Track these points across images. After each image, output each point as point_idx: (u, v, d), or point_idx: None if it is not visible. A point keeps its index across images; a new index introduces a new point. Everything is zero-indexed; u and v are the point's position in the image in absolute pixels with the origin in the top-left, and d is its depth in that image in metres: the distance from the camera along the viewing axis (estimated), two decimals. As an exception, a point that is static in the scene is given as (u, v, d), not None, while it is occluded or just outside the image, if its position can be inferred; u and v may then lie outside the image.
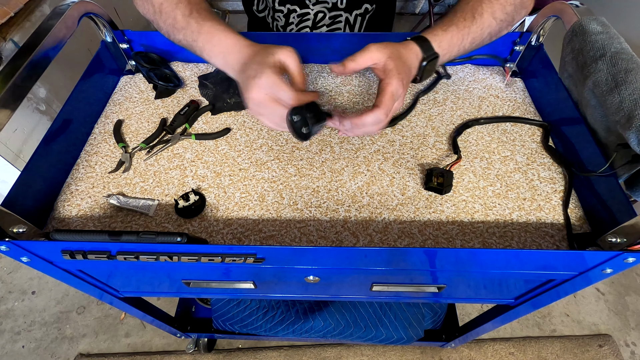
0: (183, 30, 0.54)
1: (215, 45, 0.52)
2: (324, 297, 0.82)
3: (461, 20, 0.54)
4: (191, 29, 0.53)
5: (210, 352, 1.23)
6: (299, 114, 0.46)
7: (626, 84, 0.48)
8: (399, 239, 0.52)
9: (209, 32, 0.52)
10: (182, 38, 0.55)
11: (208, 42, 0.52)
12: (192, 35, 0.53)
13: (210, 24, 0.52)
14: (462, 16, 0.54)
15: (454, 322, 1.08)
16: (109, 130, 0.66)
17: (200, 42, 0.53)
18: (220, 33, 0.51)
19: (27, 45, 0.53)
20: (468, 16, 0.54)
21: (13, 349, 1.26)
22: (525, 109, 0.68)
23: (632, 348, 1.25)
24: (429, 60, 0.52)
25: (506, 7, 0.56)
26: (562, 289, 0.55)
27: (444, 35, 0.53)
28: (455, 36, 0.54)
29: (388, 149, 0.62)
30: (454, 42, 0.54)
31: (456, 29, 0.54)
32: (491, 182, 0.58)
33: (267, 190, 0.57)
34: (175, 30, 0.55)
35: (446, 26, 0.54)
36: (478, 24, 0.55)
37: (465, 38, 0.55)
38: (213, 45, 0.52)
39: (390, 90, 0.47)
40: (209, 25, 0.52)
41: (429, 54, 0.52)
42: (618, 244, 0.44)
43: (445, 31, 0.53)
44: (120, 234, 0.46)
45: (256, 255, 0.47)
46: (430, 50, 0.52)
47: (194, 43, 0.53)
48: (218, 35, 0.51)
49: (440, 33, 0.53)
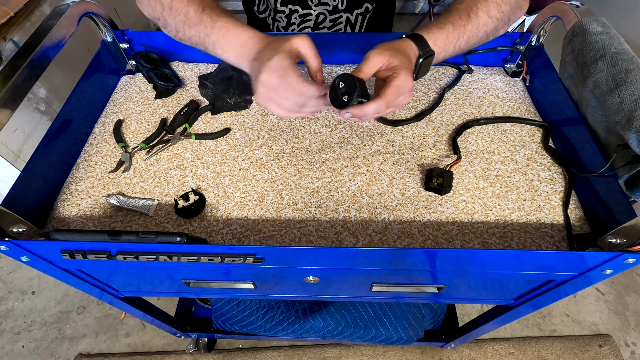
0: (195, 26, 0.53)
1: (232, 38, 0.51)
2: (324, 297, 0.82)
3: (457, 19, 0.54)
4: (204, 24, 0.52)
5: (210, 352, 1.22)
6: (345, 81, 0.46)
7: (626, 85, 0.48)
8: (399, 239, 0.52)
9: (223, 27, 0.52)
10: (194, 34, 0.54)
11: (223, 36, 0.52)
12: (205, 30, 0.53)
13: (225, 20, 0.52)
14: (458, 15, 0.54)
15: (454, 323, 1.08)
16: (109, 130, 0.66)
17: (214, 37, 0.52)
18: (237, 27, 0.51)
19: (27, 45, 0.53)
20: (463, 15, 0.54)
21: (13, 349, 1.26)
22: (525, 109, 0.68)
23: (632, 348, 1.25)
24: (425, 57, 0.52)
25: (502, 5, 0.56)
26: (562, 289, 0.55)
27: (439, 34, 0.53)
28: (451, 34, 0.54)
29: (388, 149, 0.62)
30: (450, 41, 0.54)
31: (452, 27, 0.54)
32: (491, 182, 0.58)
33: (267, 190, 0.57)
34: (186, 26, 0.54)
35: (442, 25, 0.54)
36: (474, 23, 0.55)
37: (461, 37, 0.54)
38: (229, 38, 0.51)
39: (396, 84, 0.47)
40: (224, 21, 0.52)
41: (425, 51, 0.52)
42: (618, 245, 0.43)
43: (441, 29, 0.53)
44: (120, 233, 0.46)
45: (256, 255, 0.47)
46: (426, 48, 0.52)
47: (207, 38, 0.53)
48: (234, 29, 0.51)
49: (436, 31, 0.53)
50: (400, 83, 0.47)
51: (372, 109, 0.46)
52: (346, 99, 0.46)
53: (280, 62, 0.44)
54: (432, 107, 0.68)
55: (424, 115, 0.67)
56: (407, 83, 0.47)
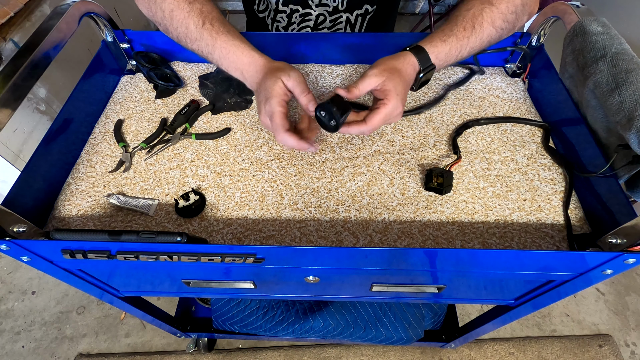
0: (197, 42, 0.56)
1: (232, 62, 0.55)
2: (324, 297, 0.82)
3: (461, 31, 0.55)
4: (205, 41, 0.55)
5: (210, 352, 1.22)
6: (324, 109, 0.50)
7: (627, 85, 0.48)
8: (399, 239, 0.52)
9: (223, 47, 0.54)
10: (197, 48, 0.57)
11: (224, 57, 0.55)
12: (207, 48, 0.55)
13: (224, 39, 0.54)
14: (463, 26, 0.55)
15: (454, 323, 1.08)
16: (109, 129, 0.66)
17: (217, 56, 0.55)
18: (235, 49, 0.54)
19: (27, 45, 0.53)
20: (468, 26, 0.55)
21: (13, 349, 1.26)
22: (525, 109, 0.68)
23: (632, 348, 1.25)
24: (426, 72, 0.54)
25: (507, 15, 0.56)
26: (562, 289, 0.55)
27: (442, 47, 0.54)
28: (454, 47, 0.55)
29: (388, 149, 0.62)
30: (452, 53, 0.55)
31: (455, 39, 0.54)
32: (491, 182, 0.58)
33: (267, 190, 0.57)
34: (188, 39, 0.57)
35: (446, 36, 0.54)
36: (478, 34, 0.55)
37: (463, 49, 0.55)
38: (230, 62, 0.55)
39: (384, 112, 0.50)
40: (223, 40, 0.54)
41: (426, 65, 0.54)
42: (618, 245, 0.44)
43: (444, 42, 0.54)
44: (120, 233, 0.46)
45: (256, 255, 0.47)
46: (427, 62, 0.54)
47: (210, 55, 0.56)
48: (233, 51, 0.54)
49: (439, 44, 0.54)
50: (388, 112, 0.50)
51: (355, 130, 0.52)
52: (334, 123, 0.50)
53: (271, 108, 0.50)
54: (434, 103, 0.68)
55: (423, 110, 0.67)
56: (394, 110, 0.51)
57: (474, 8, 0.56)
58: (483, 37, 0.56)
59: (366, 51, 0.74)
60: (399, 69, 0.52)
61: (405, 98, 0.52)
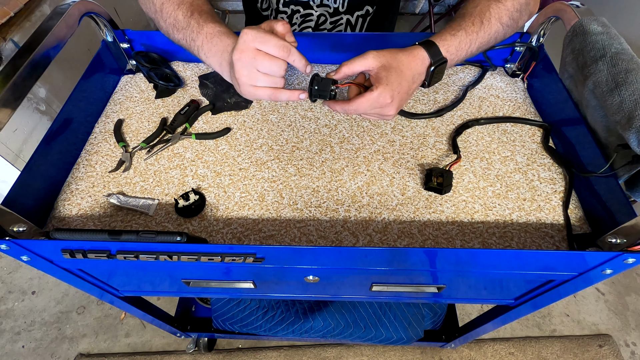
0: (183, 30, 0.55)
1: (215, 44, 0.53)
2: (324, 297, 0.82)
3: (470, 25, 0.54)
4: (191, 28, 0.54)
5: (210, 351, 1.22)
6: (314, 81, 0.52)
7: (626, 85, 0.48)
8: (399, 239, 0.52)
9: (209, 33, 0.53)
10: (182, 37, 0.56)
11: (207, 41, 0.53)
12: (191, 35, 0.54)
13: (211, 26, 0.53)
14: (471, 21, 0.55)
15: (454, 323, 1.08)
16: (109, 129, 0.66)
17: (199, 41, 0.54)
18: (221, 34, 0.53)
19: (27, 45, 0.53)
20: (476, 21, 0.55)
21: (13, 349, 1.26)
22: (525, 109, 0.68)
23: (632, 348, 1.25)
24: (437, 65, 0.53)
25: (512, 12, 0.56)
26: (562, 289, 0.55)
27: (452, 40, 0.53)
28: (464, 41, 0.54)
29: (388, 149, 0.62)
30: (462, 47, 0.54)
31: (465, 33, 0.54)
32: (491, 182, 0.58)
33: (267, 190, 0.57)
34: (175, 29, 0.56)
35: (455, 31, 0.54)
36: (486, 30, 0.55)
37: (473, 43, 0.55)
38: (212, 44, 0.53)
39: (368, 97, 0.49)
40: (210, 27, 0.53)
41: (437, 59, 0.52)
42: (618, 245, 0.44)
43: (453, 36, 0.54)
44: (120, 233, 0.46)
45: (256, 254, 0.47)
46: (438, 56, 0.52)
47: (192, 42, 0.54)
48: (218, 36, 0.53)
49: (449, 38, 0.53)
50: (373, 98, 0.49)
51: (338, 108, 0.52)
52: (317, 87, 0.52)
53: (252, 33, 0.46)
54: (455, 104, 0.68)
55: (444, 112, 0.67)
56: (381, 99, 0.49)
57: (481, 5, 0.55)
58: (491, 32, 0.55)
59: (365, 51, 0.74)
60: (400, 60, 0.51)
61: (401, 92, 0.51)
